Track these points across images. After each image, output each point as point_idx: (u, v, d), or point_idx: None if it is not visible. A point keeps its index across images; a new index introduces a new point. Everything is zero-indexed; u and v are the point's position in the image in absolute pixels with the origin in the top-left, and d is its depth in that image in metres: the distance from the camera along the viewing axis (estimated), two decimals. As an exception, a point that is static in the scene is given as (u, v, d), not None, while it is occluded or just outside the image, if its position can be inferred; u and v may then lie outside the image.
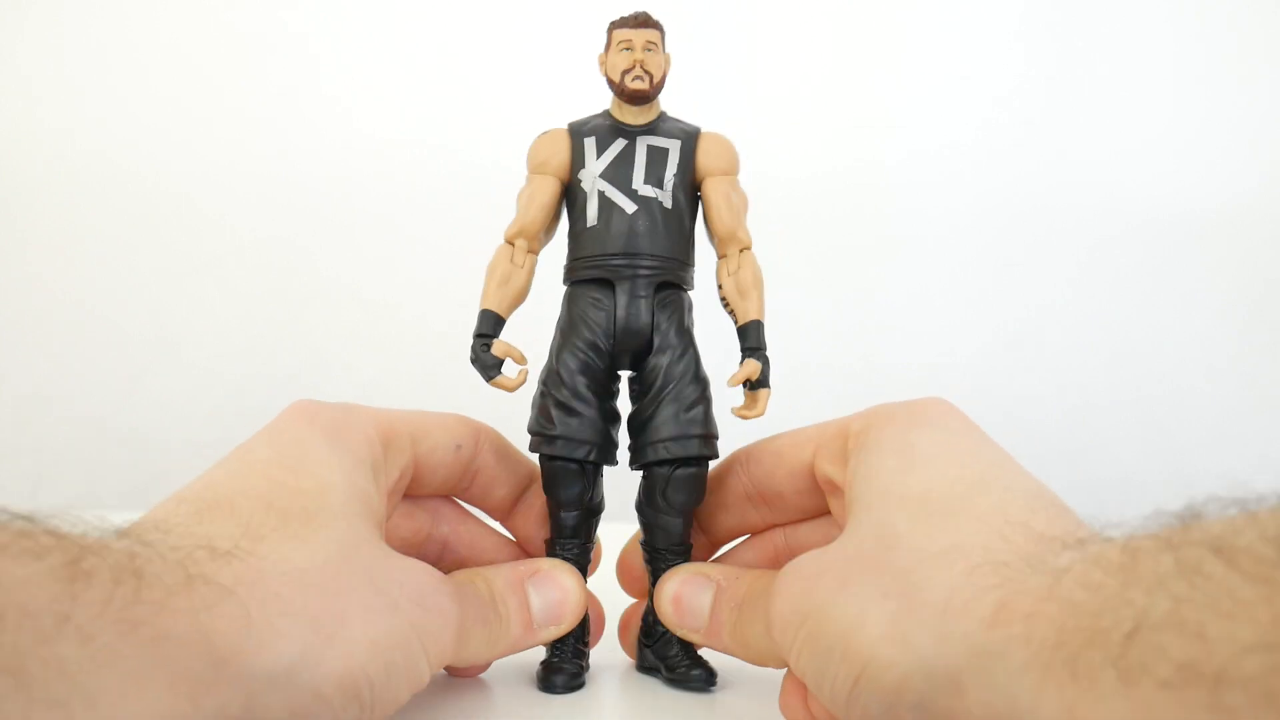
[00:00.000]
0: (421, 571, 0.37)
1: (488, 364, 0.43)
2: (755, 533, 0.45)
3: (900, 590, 0.32)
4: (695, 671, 0.43)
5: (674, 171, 0.43)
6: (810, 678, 0.35)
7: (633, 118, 0.44)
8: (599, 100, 0.45)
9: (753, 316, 0.43)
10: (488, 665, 0.44)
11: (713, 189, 0.44)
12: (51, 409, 0.82)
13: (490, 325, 0.43)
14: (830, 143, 0.82)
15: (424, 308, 0.82)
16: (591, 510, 0.44)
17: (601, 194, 0.43)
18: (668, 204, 0.43)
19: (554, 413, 0.43)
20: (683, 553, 0.44)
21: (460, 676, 0.44)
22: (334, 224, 0.82)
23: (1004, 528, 0.32)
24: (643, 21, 0.43)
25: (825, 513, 0.43)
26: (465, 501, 0.46)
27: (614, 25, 0.43)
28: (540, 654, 0.44)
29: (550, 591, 0.41)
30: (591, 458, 0.43)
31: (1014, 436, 0.84)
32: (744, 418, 0.43)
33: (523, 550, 0.46)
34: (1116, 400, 0.82)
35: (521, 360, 0.43)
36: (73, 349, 0.82)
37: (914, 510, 0.34)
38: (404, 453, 0.42)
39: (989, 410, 0.80)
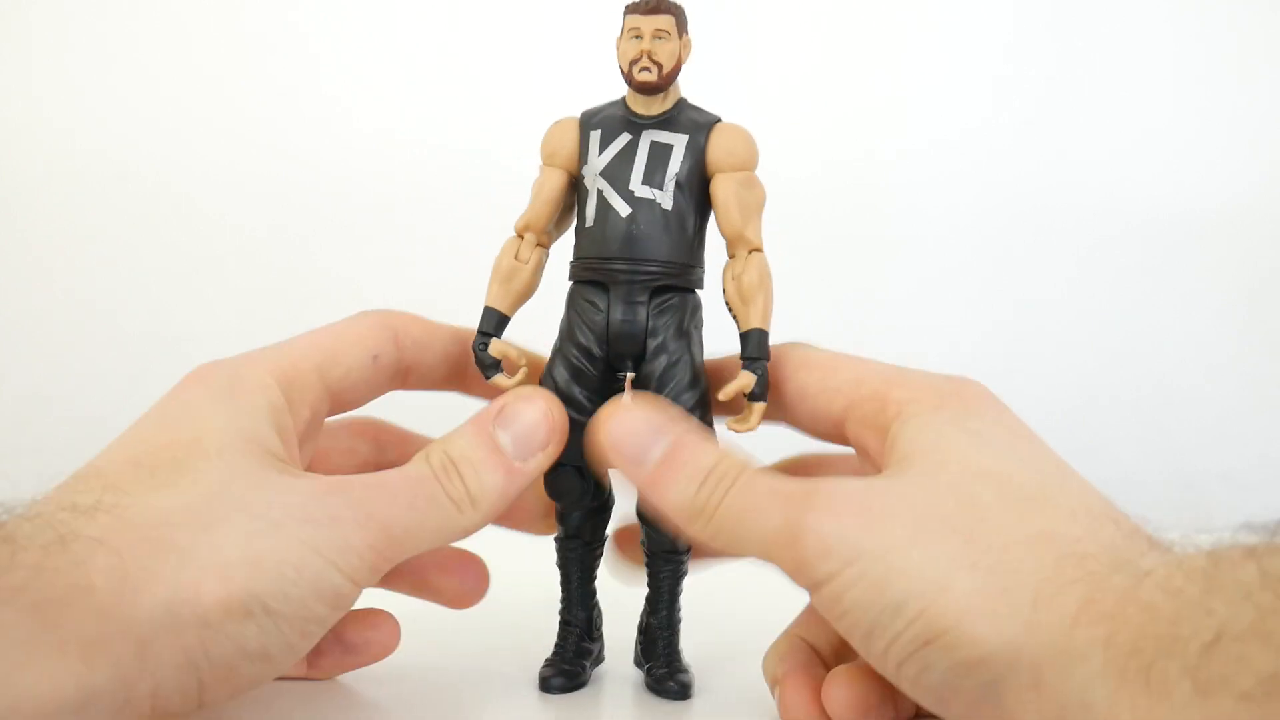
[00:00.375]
0: (312, 483, 0.35)
1: (485, 363, 0.42)
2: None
3: (990, 566, 0.31)
4: (670, 683, 0.42)
5: (676, 170, 0.41)
6: (851, 618, 0.33)
7: (644, 108, 0.42)
8: (602, 93, 0.44)
9: (754, 324, 0.41)
10: (486, 520, 0.39)
11: (720, 186, 0.41)
12: (51, 409, 0.82)
13: (492, 323, 0.42)
14: (830, 139, 0.82)
15: (424, 305, 0.82)
16: (600, 507, 0.44)
17: (600, 194, 0.41)
18: (666, 205, 0.41)
19: None
20: (680, 558, 0.43)
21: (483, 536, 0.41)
22: (335, 223, 0.82)
23: (1091, 521, 0.32)
24: (653, 8, 0.41)
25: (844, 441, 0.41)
26: (410, 390, 0.45)
27: (626, 9, 0.41)
28: (546, 653, 0.44)
29: (515, 423, 0.38)
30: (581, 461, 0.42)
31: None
32: (735, 431, 0.41)
33: None
34: (1116, 400, 0.82)
35: (519, 360, 0.42)
36: (72, 349, 0.82)
37: (999, 488, 0.33)
38: (310, 389, 0.41)
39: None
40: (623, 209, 0.41)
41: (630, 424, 0.37)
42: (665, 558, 0.43)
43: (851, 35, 0.82)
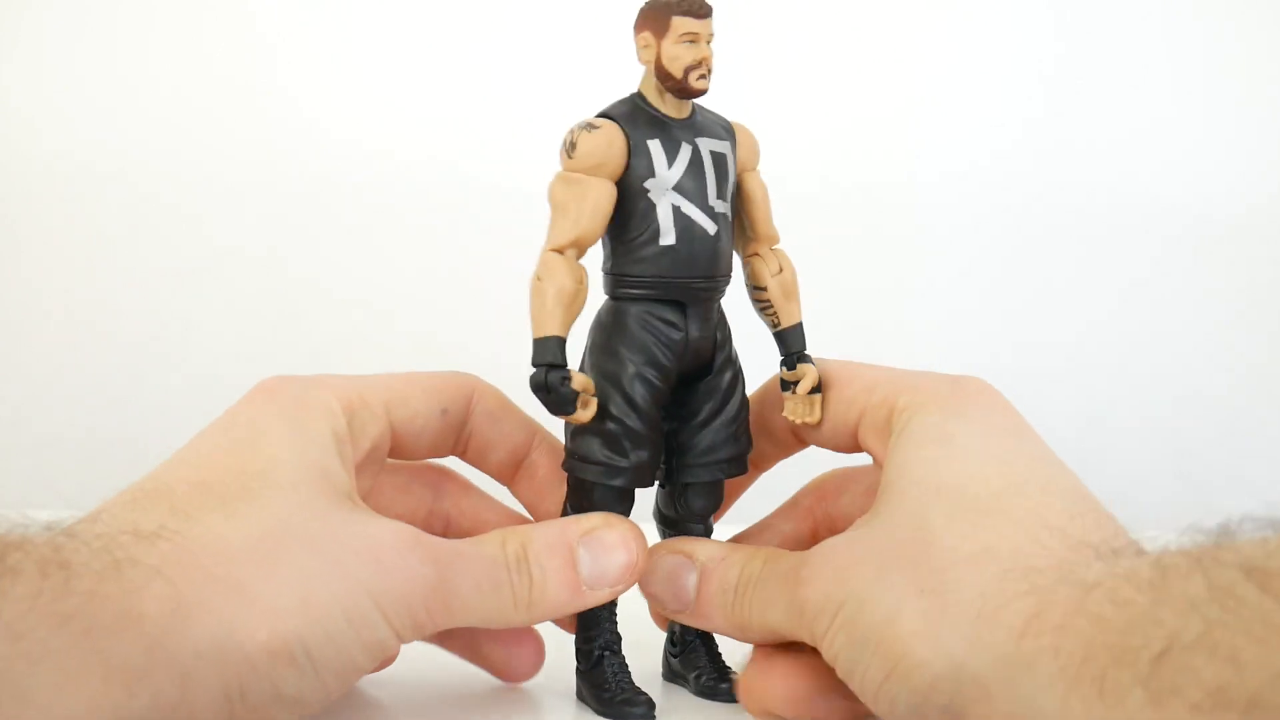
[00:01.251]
0: (387, 531, 0.35)
1: (568, 399, 0.38)
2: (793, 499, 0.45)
3: (934, 588, 0.32)
4: (723, 685, 0.42)
5: (733, 179, 0.41)
6: (841, 665, 0.34)
7: (675, 111, 0.40)
8: (594, 100, 0.42)
9: (798, 319, 0.42)
10: (533, 624, 0.41)
11: (754, 185, 0.42)
12: (50, 411, 0.82)
13: (561, 353, 0.39)
14: (844, 142, 0.82)
15: (423, 312, 0.82)
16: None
17: (677, 210, 0.39)
18: (731, 217, 0.41)
19: (625, 444, 0.40)
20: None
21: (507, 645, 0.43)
22: (332, 228, 0.82)
23: (1040, 532, 0.32)
24: (708, 10, 0.39)
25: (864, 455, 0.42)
26: (467, 463, 0.44)
27: (671, 10, 0.39)
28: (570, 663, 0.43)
29: (600, 551, 0.38)
30: (649, 484, 0.42)
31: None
32: (806, 424, 0.41)
33: (531, 519, 0.44)
34: (1124, 400, 0.82)
35: (593, 390, 0.39)
36: (71, 351, 0.82)
37: (950, 506, 0.34)
38: (375, 421, 0.40)
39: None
40: (709, 226, 0.40)
41: (660, 574, 0.40)
42: None
43: (867, 35, 0.82)
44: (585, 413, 0.39)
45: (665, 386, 0.40)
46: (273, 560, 0.33)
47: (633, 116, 0.40)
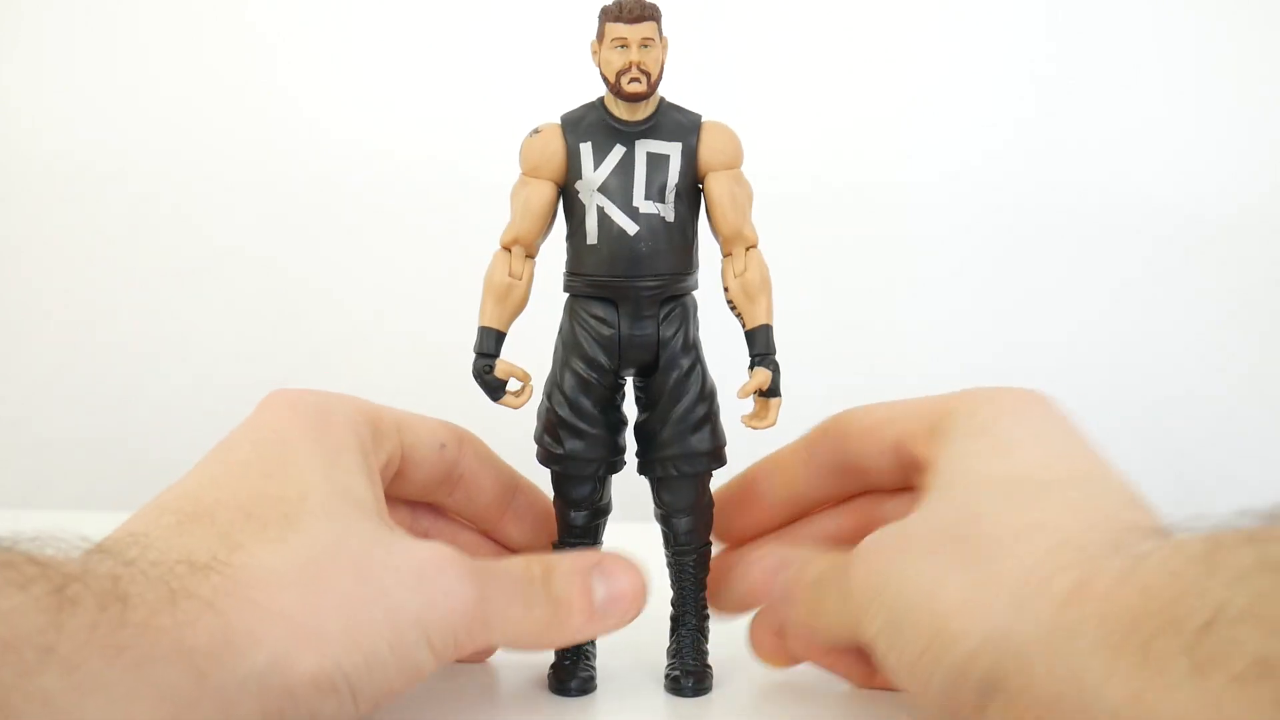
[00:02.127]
0: (427, 551, 0.36)
1: (492, 385, 0.42)
2: (837, 502, 0.45)
3: (979, 561, 0.32)
4: (687, 681, 0.42)
5: (675, 180, 0.41)
6: (880, 645, 0.34)
7: (629, 114, 0.41)
8: (584, 93, 0.43)
9: (761, 321, 0.41)
10: (541, 647, 0.42)
11: (715, 185, 0.41)
12: (50, 410, 0.82)
13: (492, 344, 0.42)
14: (835, 141, 0.82)
15: (420, 312, 0.82)
16: (599, 511, 0.44)
17: (601, 210, 0.41)
18: (670, 217, 0.41)
19: (560, 432, 0.42)
20: (694, 552, 0.44)
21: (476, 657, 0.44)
22: (330, 229, 0.82)
23: (1091, 515, 0.32)
24: (637, 16, 0.40)
25: (911, 487, 0.42)
26: (451, 510, 0.46)
27: (606, 16, 0.40)
28: (548, 656, 0.44)
29: (615, 582, 0.39)
30: (600, 473, 0.43)
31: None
32: (754, 428, 0.41)
33: None
34: (1119, 399, 0.82)
35: (525, 379, 0.42)
36: (71, 351, 0.82)
37: (1000, 491, 0.34)
38: (390, 439, 0.41)
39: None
40: (629, 226, 0.41)
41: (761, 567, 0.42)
42: (681, 551, 0.43)
43: (856, 34, 0.82)
44: (516, 400, 0.42)
45: (600, 378, 0.42)
46: (318, 589, 0.33)
47: (581, 120, 0.42)
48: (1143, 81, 0.81)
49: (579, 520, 0.44)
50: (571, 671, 0.42)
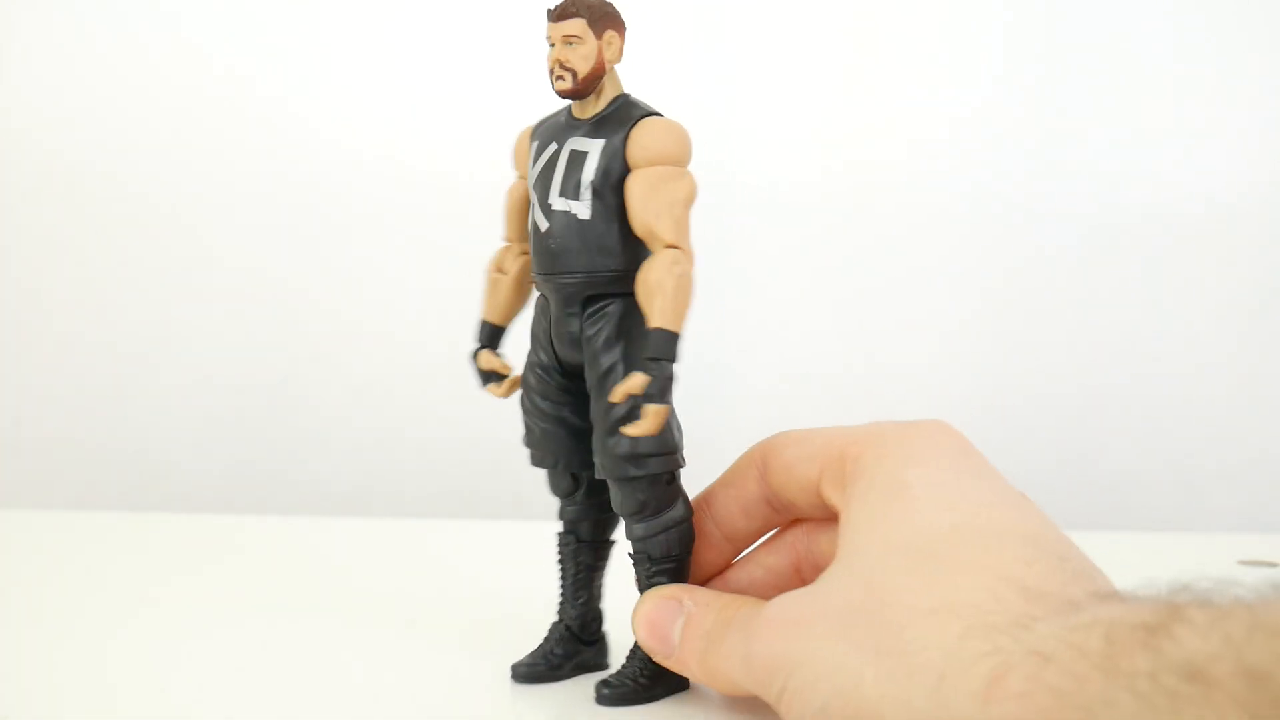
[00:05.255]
0: None
1: (478, 374, 0.44)
2: (780, 527, 0.44)
3: (895, 649, 0.32)
4: (605, 689, 0.42)
5: (591, 178, 0.40)
6: None
7: (579, 111, 0.41)
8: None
9: (654, 323, 0.38)
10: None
11: (630, 184, 0.39)
12: (51, 409, 0.82)
13: (486, 335, 0.44)
14: (827, 144, 0.82)
15: (419, 311, 0.82)
16: (602, 505, 0.44)
17: (532, 207, 0.41)
18: (584, 215, 0.40)
19: (524, 425, 0.43)
20: (646, 564, 0.42)
21: None
22: (328, 228, 0.82)
23: (996, 585, 0.32)
24: (559, 14, 0.40)
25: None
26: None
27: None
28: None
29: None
30: (559, 467, 0.43)
31: (1016, 438, 0.84)
32: (626, 434, 0.39)
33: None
34: (1116, 400, 0.82)
35: (506, 370, 0.43)
36: (71, 351, 0.82)
37: (906, 561, 0.34)
38: None
39: (993, 410, 0.80)
40: (542, 223, 0.40)
41: (649, 618, 0.41)
42: (639, 557, 0.42)
43: (847, 37, 0.82)
44: (497, 389, 0.43)
45: (546, 376, 0.42)
46: None
47: (551, 118, 0.42)
48: (1139, 82, 0.81)
49: (566, 513, 0.44)
50: (528, 657, 0.44)
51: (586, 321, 0.40)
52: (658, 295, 0.38)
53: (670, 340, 0.38)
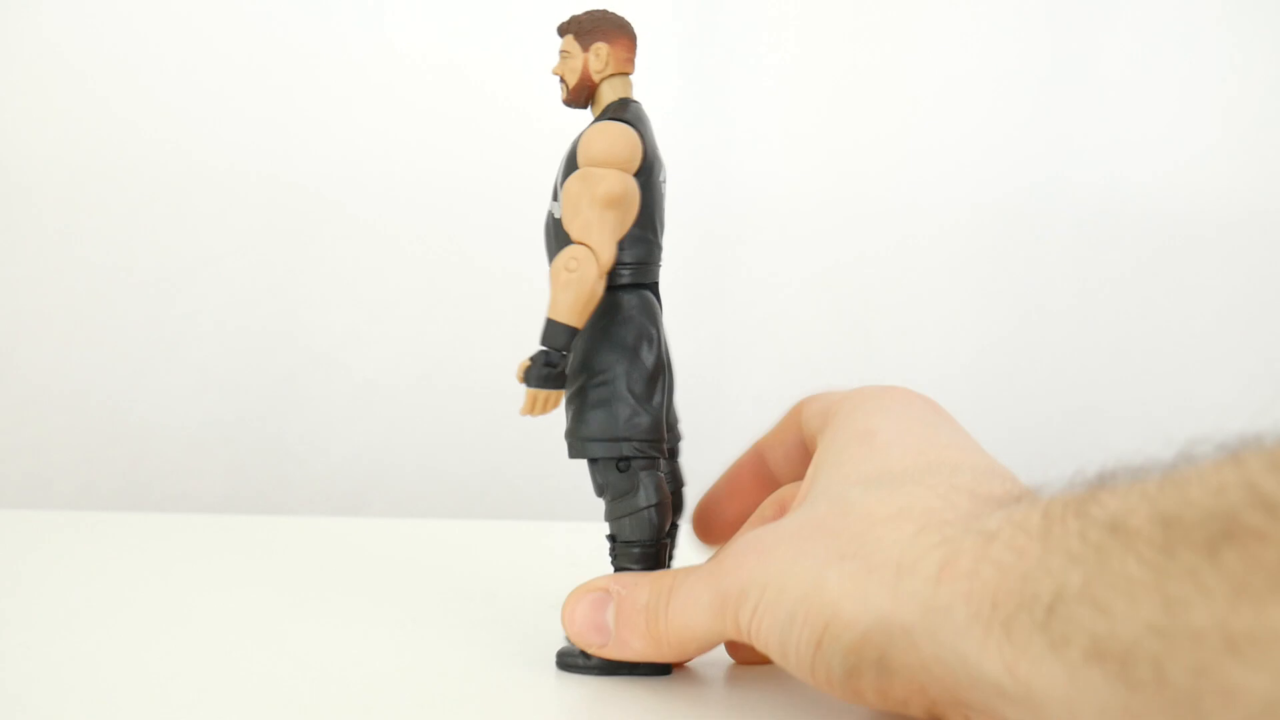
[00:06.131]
0: None
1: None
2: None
3: (855, 551, 0.34)
4: (566, 656, 0.43)
5: (561, 179, 0.43)
6: (774, 647, 0.36)
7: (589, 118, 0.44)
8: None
9: (548, 314, 0.41)
10: None
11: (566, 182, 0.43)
12: (51, 409, 0.82)
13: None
14: (828, 144, 0.82)
15: (419, 311, 0.82)
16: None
17: None
18: (558, 214, 0.43)
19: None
20: (615, 545, 0.44)
21: None
22: (332, 223, 0.82)
23: (949, 493, 0.34)
24: (558, 31, 0.44)
25: None
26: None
27: None
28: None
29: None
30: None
31: (1017, 438, 0.85)
32: (522, 414, 0.42)
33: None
34: (1119, 402, 0.82)
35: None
36: (72, 349, 0.82)
37: (867, 482, 0.36)
38: None
39: (989, 410, 0.80)
40: (544, 224, 0.44)
41: (577, 615, 0.42)
42: (611, 538, 0.44)
43: (851, 39, 0.82)
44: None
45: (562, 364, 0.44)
46: None
47: None
48: (1137, 82, 0.81)
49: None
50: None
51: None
52: (552, 284, 0.41)
53: (552, 328, 0.41)
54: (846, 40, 0.82)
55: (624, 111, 0.43)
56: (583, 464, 0.45)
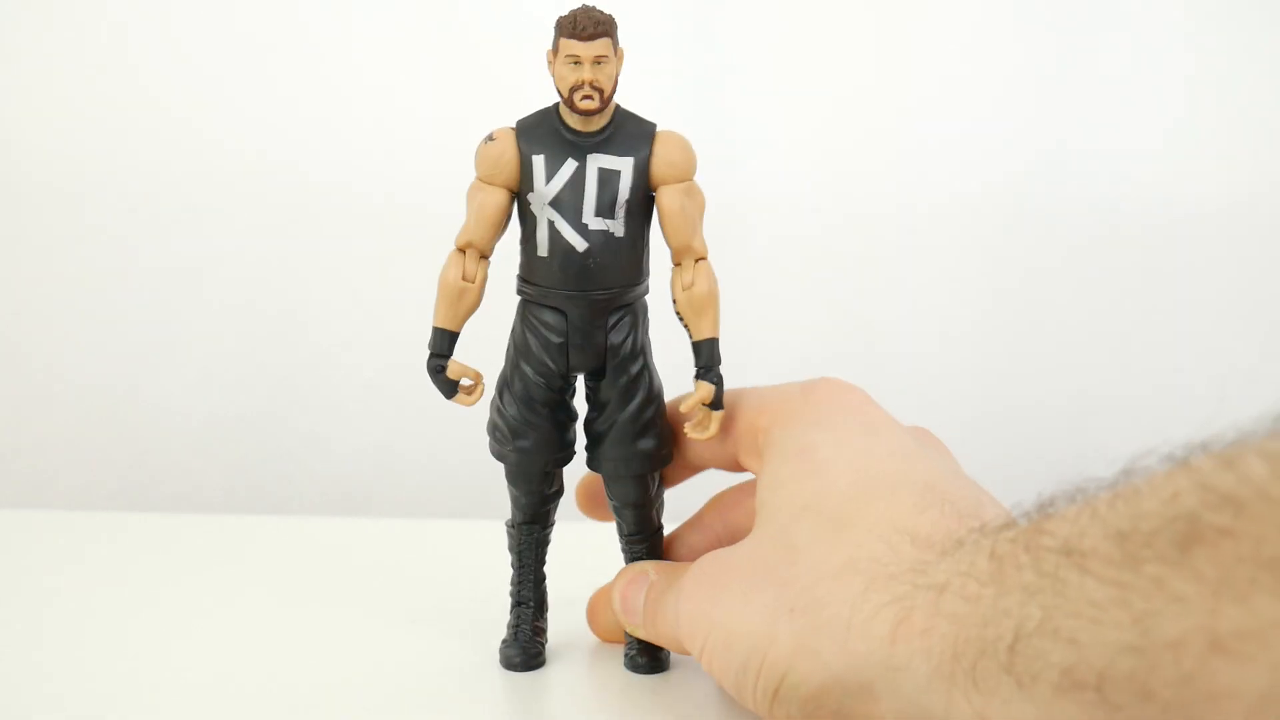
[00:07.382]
0: None
1: (443, 385, 0.44)
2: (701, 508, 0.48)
3: (806, 605, 0.34)
4: (641, 659, 0.45)
5: (626, 197, 0.41)
6: (728, 687, 0.37)
7: (583, 125, 0.41)
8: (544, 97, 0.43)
9: (707, 334, 0.42)
10: None
11: (667, 200, 0.41)
12: (51, 409, 0.82)
13: (445, 344, 0.44)
14: (828, 145, 0.82)
15: (419, 311, 0.82)
16: (549, 497, 0.46)
17: (552, 224, 0.41)
18: (619, 233, 0.41)
19: (509, 430, 0.44)
20: (644, 540, 0.45)
21: None
22: (333, 224, 0.82)
23: (891, 536, 0.35)
24: (591, 34, 0.40)
25: None
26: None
27: (561, 30, 0.40)
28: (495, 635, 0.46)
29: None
30: (548, 468, 0.44)
31: (1017, 439, 0.84)
32: (695, 439, 0.43)
33: None
34: (1119, 402, 0.82)
35: (477, 378, 0.44)
36: (71, 351, 0.82)
37: (812, 522, 0.37)
38: None
39: (994, 412, 0.80)
40: (579, 243, 0.41)
41: (621, 592, 0.44)
42: (635, 537, 0.45)
43: (850, 37, 0.82)
44: (468, 398, 0.44)
45: (550, 384, 0.43)
46: None
47: (536, 128, 0.42)
48: (1137, 82, 0.81)
49: (529, 506, 0.45)
50: (520, 647, 0.45)
51: (612, 331, 0.42)
52: (709, 308, 0.42)
53: (718, 348, 0.42)
54: (847, 41, 0.82)
55: (644, 117, 0.42)
56: (581, 465, 0.46)
